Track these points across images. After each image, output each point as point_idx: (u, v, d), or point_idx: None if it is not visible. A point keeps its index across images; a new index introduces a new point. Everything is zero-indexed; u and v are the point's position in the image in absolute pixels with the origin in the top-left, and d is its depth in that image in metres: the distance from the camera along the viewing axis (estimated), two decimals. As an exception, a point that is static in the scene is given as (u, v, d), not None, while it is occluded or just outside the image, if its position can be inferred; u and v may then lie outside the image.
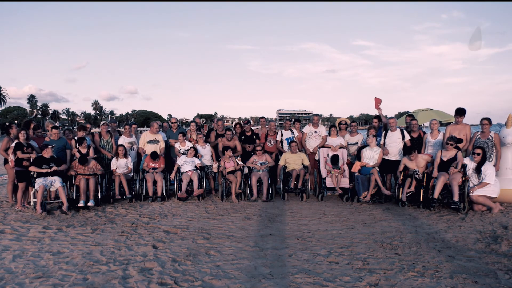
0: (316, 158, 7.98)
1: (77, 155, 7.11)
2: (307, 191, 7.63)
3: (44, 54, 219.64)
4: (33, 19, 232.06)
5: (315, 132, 8.19)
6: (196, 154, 7.74)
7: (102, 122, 8.23)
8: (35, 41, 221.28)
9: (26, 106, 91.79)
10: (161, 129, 8.71)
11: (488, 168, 6.04)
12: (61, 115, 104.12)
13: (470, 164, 6.19)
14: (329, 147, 7.93)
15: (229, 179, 7.55)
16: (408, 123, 7.86)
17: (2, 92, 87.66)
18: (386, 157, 7.36)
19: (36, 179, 6.43)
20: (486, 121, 6.60)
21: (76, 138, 7.54)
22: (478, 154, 6.05)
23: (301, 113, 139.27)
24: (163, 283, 3.43)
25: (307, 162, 7.73)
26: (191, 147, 7.76)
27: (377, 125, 8.10)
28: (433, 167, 6.50)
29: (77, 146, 7.31)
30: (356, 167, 7.26)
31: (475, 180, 6.11)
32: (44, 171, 6.46)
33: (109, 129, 8.18)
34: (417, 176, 6.60)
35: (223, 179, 7.73)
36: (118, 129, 9.79)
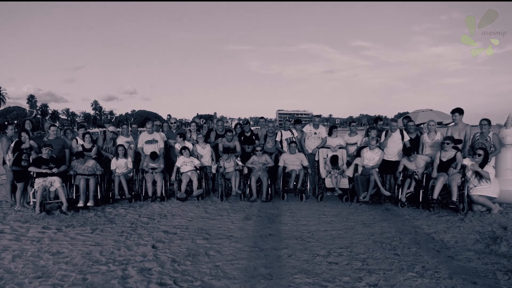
0: (316, 159, 7.98)
1: (80, 149, 7.22)
2: (306, 192, 7.64)
3: (42, 54, 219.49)
4: (31, 19, 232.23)
5: (315, 133, 8.18)
6: (191, 154, 7.73)
7: (111, 129, 8.23)
8: (33, 40, 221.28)
9: (26, 106, 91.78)
10: (160, 129, 8.71)
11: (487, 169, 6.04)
12: (60, 115, 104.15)
13: (470, 165, 6.18)
14: (329, 148, 7.93)
15: (229, 178, 7.56)
16: (405, 124, 7.87)
17: (1, 92, 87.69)
18: (385, 158, 7.36)
19: (36, 180, 6.43)
20: (486, 122, 6.62)
21: (82, 133, 7.71)
22: (480, 155, 6.04)
23: (301, 114, 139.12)
24: (162, 283, 3.43)
25: (306, 163, 7.73)
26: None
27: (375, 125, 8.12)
28: (432, 168, 6.51)
29: (78, 143, 7.41)
30: (350, 171, 7.32)
31: (475, 181, 6.10)
32: (44, 171, 6.45)
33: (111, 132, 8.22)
34: (416, 176, 6.61)
35: (222, 180, 7.73)
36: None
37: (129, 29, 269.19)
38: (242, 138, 8.45)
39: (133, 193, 7.41)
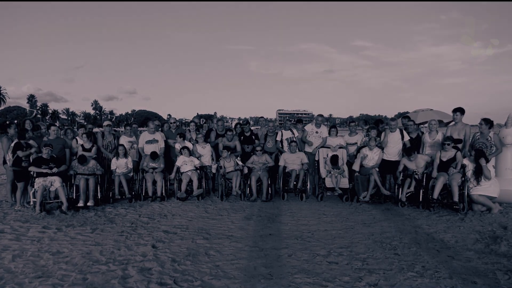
0: (316, 159, 7.98)
1: (80, 149, 7.21)
2: (306, 191, 7.63)
3: (42, 54, 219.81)
4: (31, 19, 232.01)
5: (316, 132, 8.18)
6: (191, 153, 7.72)
7: (106, 123, 8.20)
8: (33, 40, 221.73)
9: (26, 106, 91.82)
10: (160, 129, 8.71)
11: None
12: (60, 115, 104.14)
13: (470, 165, 6.19)
14: (329, 147, 7.93)
15: (229, 178, 7.56)
16: (405, 124, 7.86)
17: (2, 92, 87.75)
18: (385, 158, 7.36)
19: (36, 179, 6.43)
20: (485, 122, 6.61)
21: (82, 133, 7.68)
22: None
23: (301, 113, 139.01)
24: (162, 283, 3.43)
25: (305, 160, 7.72)
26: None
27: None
28: (432, 168, 6.51)
29: (78, 143, 7.40)
30: (357, 164, 7.28)
31: (475, 181, 6.10)
32: (44, 171, 6.45)
33: (112, 130, 8.18)
34: (416, 176, 6.61)
35: (222, 179, 7.73)
36: (115, 129, 9.81)
37: (129, 29, 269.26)
38: (242, 138, 8.45)
39: (133, 193, 7.41)
